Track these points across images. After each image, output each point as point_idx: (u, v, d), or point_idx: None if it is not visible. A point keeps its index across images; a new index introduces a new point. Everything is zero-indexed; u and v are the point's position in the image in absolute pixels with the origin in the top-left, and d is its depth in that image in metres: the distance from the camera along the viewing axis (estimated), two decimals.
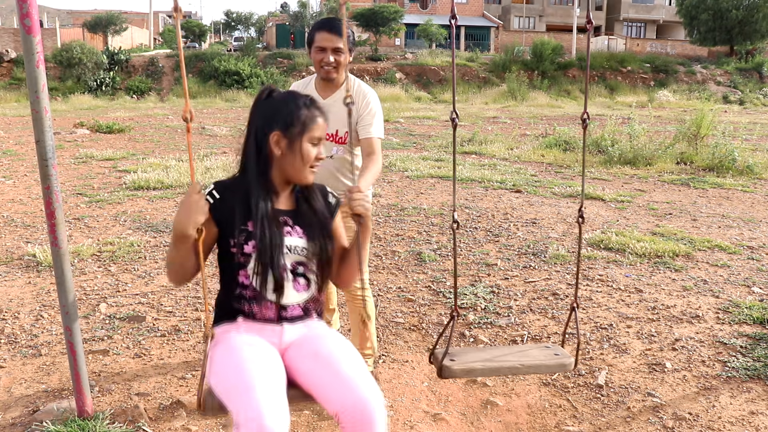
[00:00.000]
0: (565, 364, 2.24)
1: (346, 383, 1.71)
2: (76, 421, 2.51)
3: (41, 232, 5.50)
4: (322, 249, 1.92)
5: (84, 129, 13.47)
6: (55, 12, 59.39)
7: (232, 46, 43.87)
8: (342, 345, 1.87)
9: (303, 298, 1.92)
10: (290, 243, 1.88)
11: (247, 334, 1.85)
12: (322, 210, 1.96)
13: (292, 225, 1.91)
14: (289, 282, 1.88)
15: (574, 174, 8.97)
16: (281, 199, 1.93)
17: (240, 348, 1.78)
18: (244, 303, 1.88)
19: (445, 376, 2.15)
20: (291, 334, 1.90)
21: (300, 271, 1.91)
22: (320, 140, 1.89)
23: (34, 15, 2.13)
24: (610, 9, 52.07)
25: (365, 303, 2.81)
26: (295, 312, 1.91)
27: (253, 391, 1.60)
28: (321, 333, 1.93)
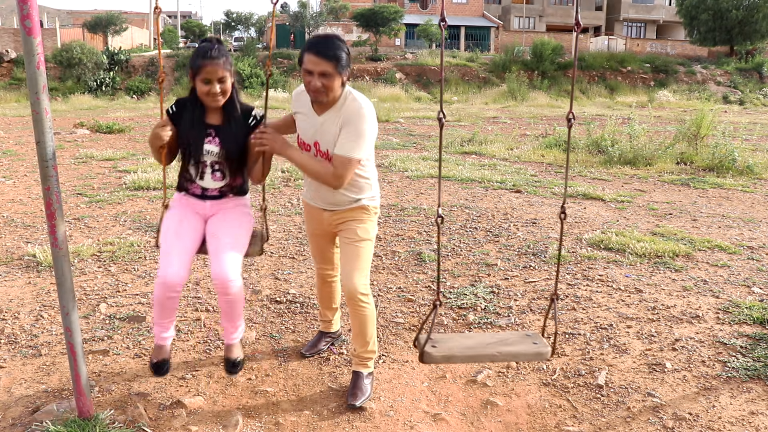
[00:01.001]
0: (542, 352, 2.32)
1: (219, 259, 2.57)
2: (76, 421, 2.51)
3: (41, 232, 5.50)
4: (231, 156, 2.68)
5: (84, 129, 13.47)
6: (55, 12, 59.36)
7: (232, 46, 43.86)
8: (231, 229, 2.69)
9: (218, 185, 2.74)
10: (208, 148, 2.68)
11: (184, 208, 2.76)
12: (238, 126, 2.68)
13: (214, 136, 2.68)
14: (207, 173, 2.72)
15: (574, 174, 8.97)
16: (212, 114, 2.68)
17: (173, 223, 2.69)
18: (184, 182, 2.78)
19: (425, 361, 2.25)
20: (212, 208, 2.76)
21: (216, 168, 2.71)
22: (211, 80, 2.54)
23: (34, 16, 2.13)
24: (610, 9, 52.06)
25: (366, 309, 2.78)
26: (214, 193, 2.75)
27: (168, 255, 2.58)
28: (226, 215, 2.74)
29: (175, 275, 2.53)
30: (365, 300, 2.76)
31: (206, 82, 2.54)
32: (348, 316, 3.74)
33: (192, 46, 42.82)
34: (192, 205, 2.76)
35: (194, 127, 2.66)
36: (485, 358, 2.29)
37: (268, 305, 3.94)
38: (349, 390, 2.84)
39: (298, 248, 5.13)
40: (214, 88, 2.55)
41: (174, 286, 2.53)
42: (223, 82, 2.59)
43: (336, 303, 3.23)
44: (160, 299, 2.58)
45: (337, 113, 2.59)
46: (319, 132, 2.64)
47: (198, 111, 2.66)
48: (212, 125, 2.68)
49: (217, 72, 2.54)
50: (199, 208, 2.77)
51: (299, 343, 3.42)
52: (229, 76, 2.61)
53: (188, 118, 2.66)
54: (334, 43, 2.50)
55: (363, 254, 2.77)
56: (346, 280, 2.75)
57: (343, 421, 2.68)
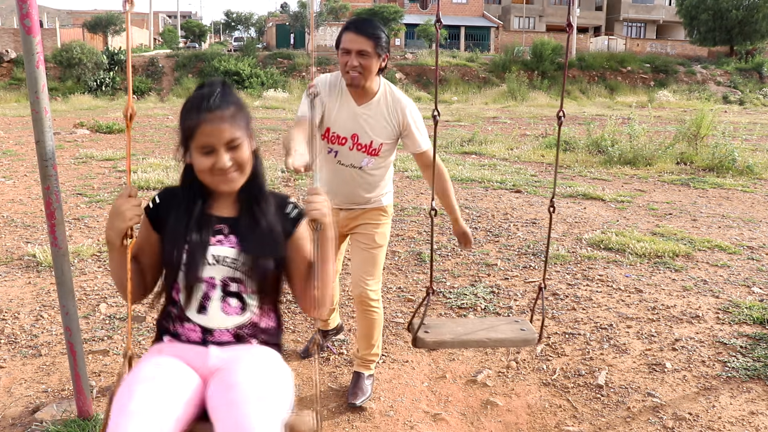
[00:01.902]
0: (528, 339, 2.38)
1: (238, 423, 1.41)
2: (76, 421, 2.51)
3: (41, 232, 5.50)
4: (260, 262, 1.63)
5: (84, 129, 13.47)
6: (55, 12, 59.40)
7: (232, 47, 43.88)
8: (256, 376, 1.54)
9: (233, 323, 1.64)
10: (218, 252, 1.63)
11: (163, 356, 1.61)
12: (269, 221, 1.67)
13: (227, 234, 1.66)
14: (216, 301, 1.63)
15: (574, 174, 8.97)
16: (221, 204, 1.70)
17: (141, 368, 1.55)
18: (170, 322, 1.69)
19: (418, 346, 2.32)
20: (218, 358, 1.62)
21: (233, 290, 1.63)
22: (213, 148, 1.57)
23: (34, 15, 2.13)
24: (610, 9, 52.06)
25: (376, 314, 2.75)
26: (223, 337, 1.64)
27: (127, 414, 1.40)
28: (245, 359, 1.60)
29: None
30: (376, 305, 2.73)
31: (207, 151, 1.59)
32: (348, 315, 3.75)
33: (192, 46, 42.76)
34: (179, 352, 1.65)
35: (191, 220, 1.65)
36: (474, 344, 2.36)
37: None
38: (350, 389, 2.83)
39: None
40: (221, 160, 1.58)
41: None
42: (236, 149, 1.60)
43: (334, 304, 3.20)
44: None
45: (379, 105, 2.53)
46: (360, 124, 2.52)
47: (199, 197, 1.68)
48: (223, 217, 1.69)
49: (223, 133, 1.57)
50: (194, 358, 1.63)
51: (299, 343, 3.42)
52: (245, 139, 1.62)
53: (183, 209, 1.67)
54: (374, 23, 2.45)
55: (377, 261, 2.72)
56: (358, 284, 2.68)
57: (343, 421, 2.68)
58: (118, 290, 1.71)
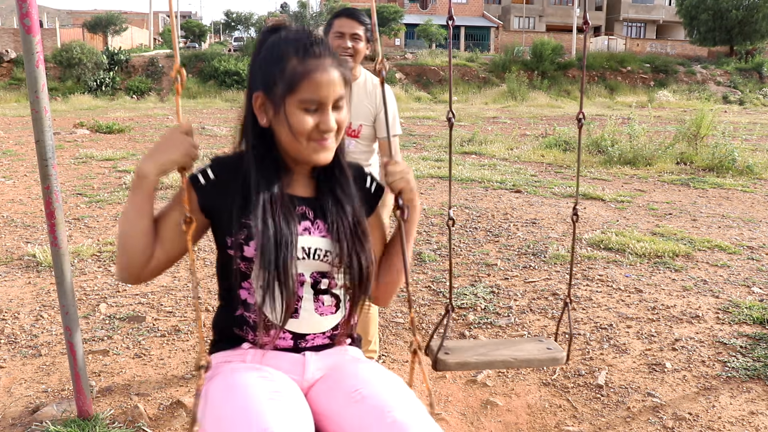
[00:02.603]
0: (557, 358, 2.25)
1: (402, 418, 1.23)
2: (76, 421, 2.51)
3: (41, 232, 5.50)
4: (355, 253, 1.38)
5: (84, 129, 13.47)
6: (55, 12, 59.39)
7: (232, 47, 43.87)
8: (390, 382, 1.38)
9: (330, 325, 1.41)
10: (308, 244, 1.35)
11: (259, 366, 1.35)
12: (354, 201, 1.41)
13: (313, 219, 1.38)
14: (308, 302, 1.38)
15: (574, 174, 8.97)
16: (297, 182, 1.40)
17: (248, 381, 1.26)
18: (247, 330, 1.39)
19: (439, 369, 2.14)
20: (317, 366, 1.41)
21: (324, 287, 1.39)
22: (323, 104, 1.29)
23: (33, 15, 2.13)
24: (610, 9, 52.07)
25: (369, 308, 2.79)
26: (317, 342, 1.42)
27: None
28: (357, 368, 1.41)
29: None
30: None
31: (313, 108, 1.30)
32: None
33: (192, 46, 42.71)
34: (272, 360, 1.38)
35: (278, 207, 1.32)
36: (500, 365, 2.22)
37: None
38: None
39: None
40: (329, 120, 1.31)
41: None
42: (340, 109, 1.34)
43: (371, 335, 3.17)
44: None
45: (364, 89, 2.71)
46: None
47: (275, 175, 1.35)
48: (303, 199, 1.40)
49: (334, 87, 1.31)
50: (287, 366, 1.39)
51: None
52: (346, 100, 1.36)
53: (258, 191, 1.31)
54: (363, 12, 2.68)
55: None
56: None
57: None
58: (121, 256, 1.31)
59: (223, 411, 1.21)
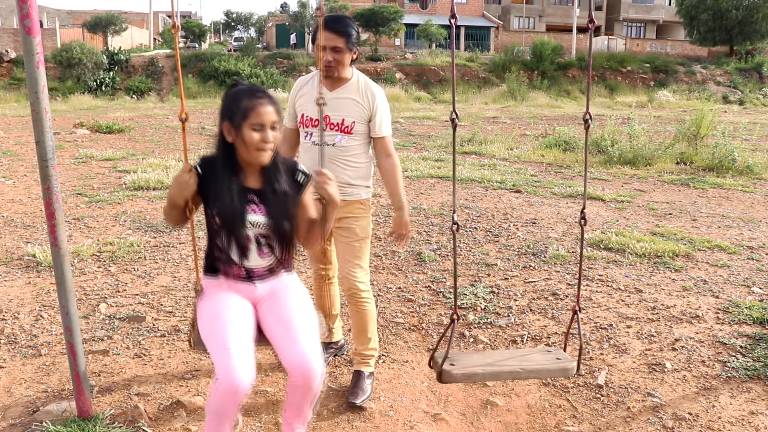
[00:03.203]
0: (567, 368, 2.22)
1: (297, 349, 2.12)
2: (76, 421, 2.52)
3: (41, 232, 5.50)
4: (282, 226, 2.20)
5: (84, 129, 13.47)
6: (55, 12, 59.35)
7: (232, 47, 43.87)
8: (300, 311, 2.25)
9: (267, 263, 2.27)
10: (253, 219, 2.18)
11: (227, 292, 2.25)
12: (285, 189, 2.21)
13: (258, 203, 2.19)
14: (253, 250, 2.22)
15: (574, 174, 8.97)
16: (250, 177, 2.20)
17: (219, 310, 2.17)
18: (219, 264, 2.25)
19: (445, 380, 2.11)
20: (262, 290, 2.28)
21: (263, 242, 2.23)
22: (263, 126, 2.08)
23: (34, 16, 2.13)
24: (610, 9, 52.06)
25: (367, 306, 2.82)
26: (261, 273, 2.26)
27: (228, 351, 2.03)
28: (286, 294, 2.29)
29: (243, 378, 1.97)
30: (366, 296, 2.81)
31: (258, 129, 2.07)
32: (345, 315, 3.74)
33: (192, 46, 42.72)
34: (235, 288, 2.26)
35: (234, 193, 2.14)
36: (508, 376, 2.19)
37: None
38: (350, 389, 2.84)
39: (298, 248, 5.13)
40: (267, 136, 2.09)
41: (245, 389, 1.98)
42: (275, 129, 2.12)
43: (336, 309, 3.17)
44: (222, 408, 2.02)
45: (351, 91, 2.75)
46: (332, 106, 2.73)
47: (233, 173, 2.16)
48: (253, 189, 2.19)
49: (270, 115, 2.09)
50: (245, 292, 2.26)
51: None
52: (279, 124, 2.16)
53: (223, 182, 2.14)
54: (345, 20, 2.70)
55: (362, 253, 2.82)
56: (345, 277, 2.79)
57: (343, 421, 2.68)
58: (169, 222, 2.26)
59: (205, 324, 2.17)
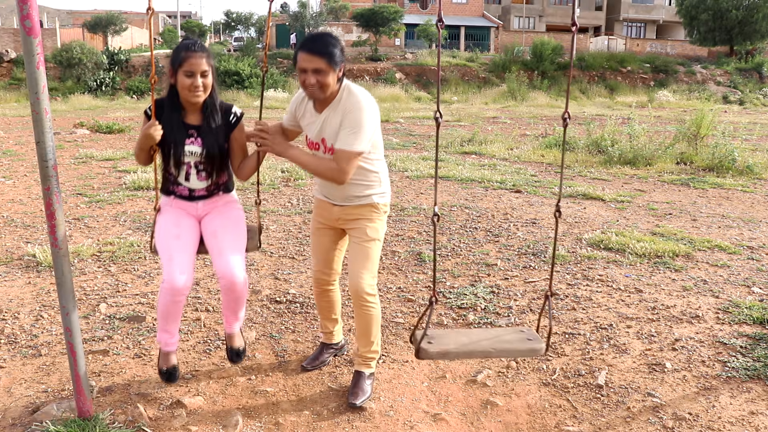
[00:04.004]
0: (536, 349, 2.33)
1: (224, 258, 2.60)
2: (76, 421, 2.52)
3: (41, 232, 5.50)
4: (213, 154, 2.66)
5: (84, 129, 13.47)
6: (55, 12, 59.34)
7: (232, 46, 43.86)
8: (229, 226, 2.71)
9: (205, 185, 2.73)
10: (190, 149, 2.65)
11: (176, 209, 2.74)
12: (218, 125, 2.67)
13: (196, 136, 2.65)
14: (193, 174, 2.69)
15: (574, 174, 8.97)
16: (191, 115, 2.66)
17: (168, 226, 2.66)
18: (170, 185, 2.74)
19: (421, 357, 2.28)
20: (203, 208, 2.76)
21: (201, 168, 2.69)
22: (193, 73, 2.53)
23: (34, 16, 2.13)
24: (610, 9, 52.05)
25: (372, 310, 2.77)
26: (201, 193, 2.74)
27: (171, 260, 2.55)
28: (221, 212, 2.76)
29: (182, 280, 2.51)
30: (372, 300, 2.75)
31: (189, 75, 2.53)
32: (345, 316, 3.75)
33: None
34: (183, 207, 2.75)
35: (174, 128, 2.63)
36: (480, 354, 2.32)
37: (267, 305, 3.94)
38: (350, 389, 2.84)
39: (298, 248, 5.13)
40: (196, 81, 2.54)
41: (182, 290, 2.51)
42: (205, 77, 2.57)
43: (336, 314, 3.14)
44: (166, 306, 2.55)
45: (336, 108, 2.60)
46: (323, 129, 2.64)
47: (177, 111, 2.64)
48: (192, 125, 2.66)
49: (201, 65, 2.53)
50: (190, 210, 2.76)
51: (299, 342, 3.42)
52: (211, 71, 2.59)
53: (167, 120, 2.62)
54: (325, 39, 2.54)
55: (371, 254, 2.75)
56: (353, 279, 2.73)
57: (343, 421, 2.68)
58: (137, 161, 2.71)
59: (158, 235, 2.68)
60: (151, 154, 2.66)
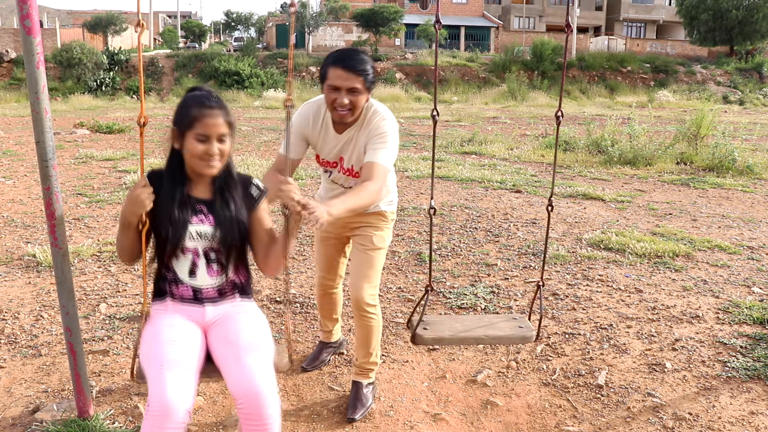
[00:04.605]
0: (526, 336, 2.42)
1: (243, 365, 1.90)
2: (76, 421, 2.52)
3: (41, 232, 5.50)
4: (231, 237, 2.05)
5: (84, 129, 13.47)
6: (55, 12, 59.34)
7: (232, 47, 43.87)
8: (251, 332, 2.03)
9: (217, 282, 2.09)
10: (199, 229, 2.03)
11: (172, 315, 2.06)
12: (237, 201, 2.08)
13: (206, 213, 2.06)
14: (201, 267, 2.06)
15: (574, 174, 8.97)
16: (199, 187, 2.08)
17: (160, 330, 1.99)
18: (166, 284, 2.09)
19: (417, 342, 2.38)
20: (213, 314, 2.10)
21: (213, 257, 2.07)
22: (208, 137, 1.96)
23: (34, 16, 2.13)
24: (610, 9, 52.05)
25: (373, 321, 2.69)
26: (210, 294, 2.09)
27: (162, 371, 1.83)
28: (237, 317, 2.09)
29: (178, 401, 1.76)
30: (372, 311, 2.66)
31: (202, 140, 1.96)
32: (345, 316, 3.75)
33: (192, 46, 42.72)
34: (183, 311, 2.07)
35: (177, 201, 2.00)
36: (473, 341, 2.41)
37: (267, 305, 3.94)
38: (350, 401, 2.76)
39: (298, 248, 5.13)
40: (212, 148, 1.96)
41: (177, 418, 1.75)
42: (223, 141, 1.99)
43: (337, 314, 3.13)
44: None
45: (361, 127, 2.46)
46: (344, 149, 2.52)
47: (181, 183, 2.04)
48: (201, 199, 2.05)
49: (218, 126, 1.96)
50: (194, 315, 2.07)
51: (299, 343, 3.42)
52: (230, 135, 2.02)
53: (168, 192, 2.01)
54: (362, 56, 2.34)
55: (375, 263, 2.66)
56: (354, 289, 2.63)
57: (343, 421, 2.68)
58: (119, 255, 2.08)
59: (144, 347, 1.97)
60: (138, 233, 1.99)
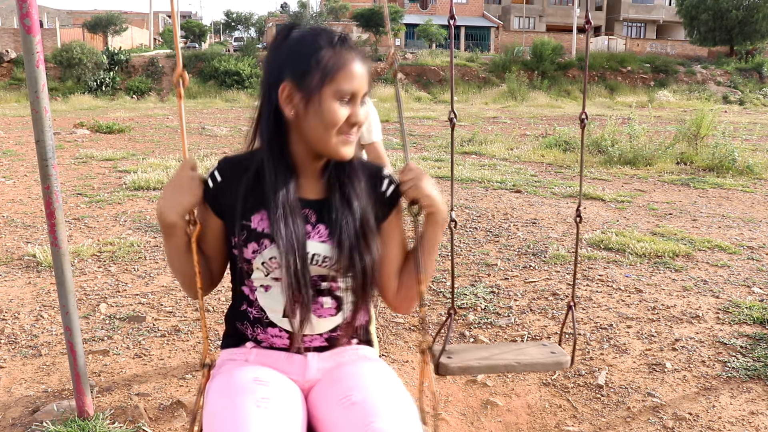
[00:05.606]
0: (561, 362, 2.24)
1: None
2: (76, 421, 2.51)
3: (41, 232, 5.50)
4: (356, 259, 1.32)
5: (84, 129, 13.47)
6: (55, 12, 59.34)
7: (232, 47, 43.86)
8: (384, 387, 1.32)
9: (328, 327, 1.36)
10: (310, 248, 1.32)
11: (258, 367, 1.33)
12: (363, 201, 1.35)
13: (315, 223, 1.33)
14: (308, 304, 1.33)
15: (574, 174, 8.97)
16: (305, 183, 1.35)
17: (241, 387, 1.25)
18: (247, 324, 1.38)
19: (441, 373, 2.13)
20: (318, 367, 1.38)
21: (324, 288, 1.34)
22: (354, 96, 1.27)
23: (34, 15, 2.13)
24: (610, 9, 52.07)
25: None
26: (315, 343, 1.37)
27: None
28: (357, 369, 1.36)
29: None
30: None
31: (348, 99, 1.28)
32: None
33: (192, 46, 42.68)
34: (274, 363, 1.37)
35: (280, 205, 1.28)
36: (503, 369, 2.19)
37: None
38: None
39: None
40: (358, 114, 1.30)
41: None
42: (364, 104, 1.32)
43: None
44: None
45: None
46: None
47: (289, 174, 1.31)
48: (308, 201, 1.35)
49: (365, 84, 1.30)
50: (290, 369, 1.37)
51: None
52: None
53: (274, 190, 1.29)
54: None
55: None
56: None
57: None
58: (182, 286, 1.41)
59: (216, 412, 1.22)
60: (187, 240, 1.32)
